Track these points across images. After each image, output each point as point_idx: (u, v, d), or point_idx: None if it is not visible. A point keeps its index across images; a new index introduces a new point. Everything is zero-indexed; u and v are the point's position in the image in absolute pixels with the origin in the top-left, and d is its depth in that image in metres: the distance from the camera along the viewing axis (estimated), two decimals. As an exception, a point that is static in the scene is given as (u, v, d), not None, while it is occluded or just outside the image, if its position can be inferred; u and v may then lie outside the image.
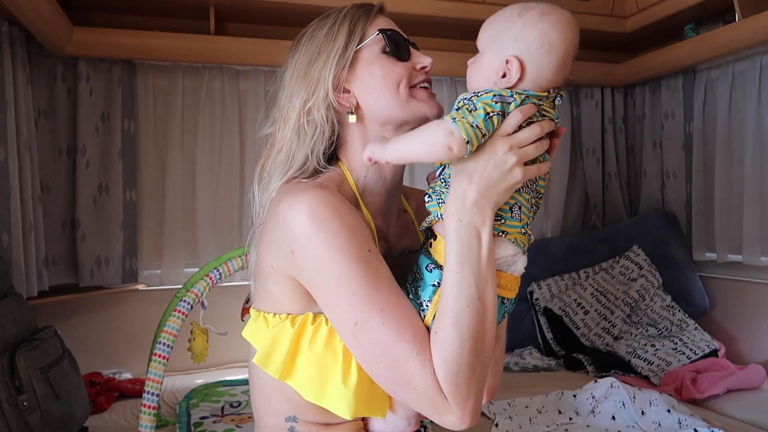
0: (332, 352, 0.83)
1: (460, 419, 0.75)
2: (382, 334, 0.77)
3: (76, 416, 1.56)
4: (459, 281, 0.77)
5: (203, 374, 2.31)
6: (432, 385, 0.75)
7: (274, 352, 0.85)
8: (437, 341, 0.76)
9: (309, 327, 0.84)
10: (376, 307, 0.77)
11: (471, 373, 0.76)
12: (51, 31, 1.96)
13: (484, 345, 0.78)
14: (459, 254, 0.77)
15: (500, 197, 0.78)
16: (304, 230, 0.79)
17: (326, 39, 0.91)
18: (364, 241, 0.80)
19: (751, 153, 2.31)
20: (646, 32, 2.59)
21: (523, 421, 1.78)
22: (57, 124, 2.21)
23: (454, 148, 0.76)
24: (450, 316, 0.76)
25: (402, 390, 0.78)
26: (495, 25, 0.83)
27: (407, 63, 0.92)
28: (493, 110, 0.76)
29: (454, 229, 0.78)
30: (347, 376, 0.82)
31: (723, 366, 2.14)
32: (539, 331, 2.52)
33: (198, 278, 1.71)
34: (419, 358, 0.76)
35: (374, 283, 0.78)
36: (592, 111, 2.91)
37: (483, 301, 0.77)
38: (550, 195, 2.91)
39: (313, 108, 0.90)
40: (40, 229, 2.03)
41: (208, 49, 2.28)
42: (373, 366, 0.79)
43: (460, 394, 0.75)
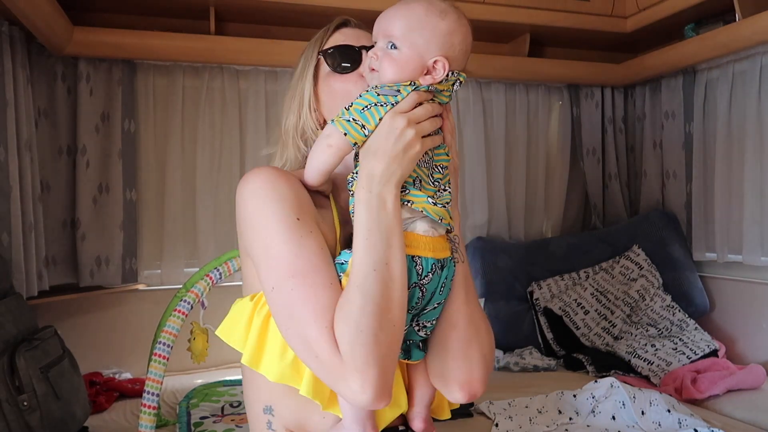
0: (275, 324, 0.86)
1: (361, 387, 0.75)
2: (290, 299, 0.80)
3: (76, 416, 1.56)
4: (367, 247, 0.80)
5: (203, 374, 2.31)
6: (329, 350, 0.76)
7: (233, 325, 0.90)
8: (340, 303, 0.79)
9: (263, 299, 0.87)
10: (289, 272, 0.80)
11: (372, 338, 0.76)
12: (51, 31, 1.96)
13: (390, 311, 0.78)
14: (368, 221, 0.80)
15: (405, 169, 0.83)
16: (242, 200, 0.86)
17: (303, 62, 1.02)
18: (292, 209, 0.84)
19: (751, 153, 2.31)
20: (646, 32, 2.59)
21: (523, 421, 1.78)
22: (57, 124, 2.22)
23: (332, 144, 0.84)
24: (356, 280, 0.79)
25: (307, 358, 0.80)
26: (411, 21, 0.85)
27: (355, 72, 0.97)
28: (369, 102, 0.83)
29: (364, 200, 0.81)
30: (285, 350, 0.84)
31: (723, 366, 2.15)
32: (539, 331, 2.52)
33: (198, 278, 1.71)
34: (318, 324, 0.77)
35: (295, 250, 0.81)
36: (592, 111, 2.91)
37: (389, 266, 0.79)
38: (550, 195, 2.91)
39: (306, 125, 0.99)
40: (40, 229, 2.03)
41: (208, 49, 2.28)
42: (283, 332, 0.81)
43: (359, 356, 0.75)
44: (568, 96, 2.89)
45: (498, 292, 2.58)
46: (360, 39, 1.00)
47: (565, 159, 2.91)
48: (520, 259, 2.67)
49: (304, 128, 0.99)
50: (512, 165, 2.83)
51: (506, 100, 2.80)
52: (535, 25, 2.53)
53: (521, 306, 2.59)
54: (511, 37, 2.72)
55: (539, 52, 2.78)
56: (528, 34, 2.63)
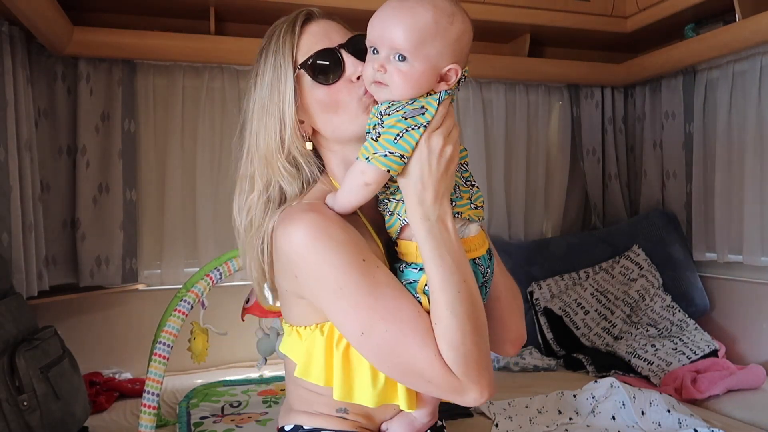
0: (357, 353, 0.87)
1: (480, 394, 0.81)
2: (387, 340, 0.81)
3: (76, 416, 1.56)
4: (444, 272, 0.81)
5: (203, 374, 2.31)
6: (443, 374, 0.80)
7: (311, 363, 0.90)
8: (439, 332, 0.81)
9: (337, 331, 0.88)
10: (377, 315, 0.81)
11: (477, 352, 0.81)
12: (51, 31, 1.96)
13: (480, 321, 0.83)
14: (437, 249, 0.82)
15: (449, 183, 0.84)
16: (299, 255, 0.84)
17: (271, 74, 0.92)
18: (356, 252, 0.83)
19: (751, 153, 2.31)
20: (646, 32, 2.59)
21: (523, 421, 1.78)
22: (57, 124, 2.21)
23: (371, 182, 0.83)
24: (446, 306, 0.81)
25: (418, 384, 0.84)
26: (421, 31, 0.80)
27: (343, 79, 0.91)
28: (400, 130, 0.81)
29: (425, 229, 0.82)
30: (376, 377, 0.87)
31: (723, 366, 2.14)
32: (539, 331, 2.52)
33: (198, 278, 1.71)
34: (425, 354, 0.80)
35: (372, 292, 0.82)
36: (592, 111, 2.91)
37: (467, 282, 0.83)
38: (550, 195, 2.91)
39: (291, 146, 0.92)
40: (40, 229, 2.03)
41: (208, 49, 2.28)
42: (385, 369, 0.84)
43: (473, 373, 0.80)
44: (568, 96, 2.89)
45: (498, 292, 2.57)
46: (331, 36, 0.93)
47: (565, 159, 2.90)
48: (520, 259, 2.66)
49: (290, 150, 0.92)
50: (512, 165, 2.83)
51: (506, 100, 2.80)
52: (535, 25, 2.52)
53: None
54: (511, 37, 2.72)
55: (539, 52, 2.78)
56: (528, 34, 2.62)
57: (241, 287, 2.16)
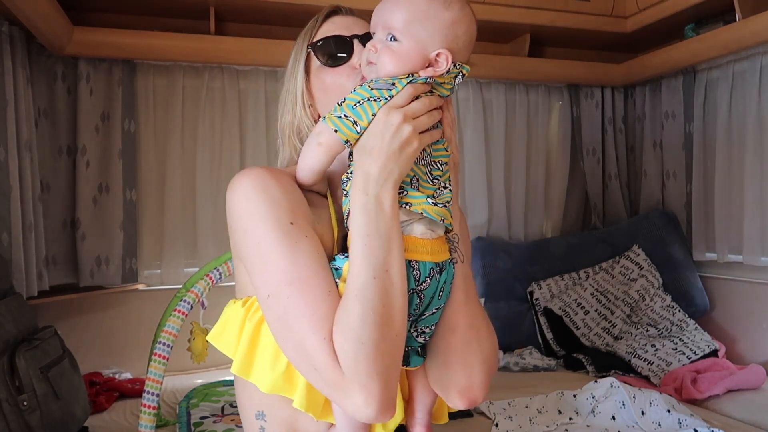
0: (268, 331, 0.82)
1: (365, 402, 0.71)
2: (286, 309, 0.76)
3: (76, 416, 1.56)
4: (365, 253, 0.75)
5: (203, 374, 2.31)
6: (329, 362, 0.73)
7: (225, 330, 0.86)
8: (339, 314, 0.74)
9: (255, 304, 0.84)
10: (285, 279, 0.76)
11: (374, 350, 0.72)
12: (51, 31, 1.96)
13: (392, 320, 0.75)
14: (366, 226, 0.76)
15: (402, 167, 0.78)
16: (233, 204, 0.83)
17: (294, 57, 0.97)
18: (287, 215, 0.80)
19: (751, 153, 2.31)
20: (646, 32, 2.59)
21: (523, 421, 1.78)
22: (57, 124, 2.22)
23: (323, 142, 0.80)
24: (354, 288, 0.74)
25: (306, 370, 0.77)
26: (413, 12, 0.80)
27: (347, 65, 0.92)
28: (362, 98, 0.79)
29: (361, 203, 0.77)
30: (277, 359, 0.81)
31: (723, 366, 2.14)
32: (539, 331, 2.52)
33: (198, 278, 1.71)
34: (317, 335, 0.74)
35: (289, 255, 0.77)
36: (592, 111, 2.91)
37: (389, 273, 0.75)
38: (550, 195, 2.91)
39: (301, 123, 0.95)
40: (40, 229, 2.03)
41: (208, 49, 2.28)
42: (280, 342, 0.78)
43: (361, 370, 0.72)
44: (568, 96, 2.89)
45: (498, 292, 2.58)
46: (351, 27, 0.94)
47: (565, 159, 2.90)
48: (520, 259, 2.66)
49: (300, 126, 0.95)
50: (512, 165, 2.83)
51: (506, 100, 2.80)
52: (535, 25, 2.53)
53: (521, 306, 2.59)
54: (511, 37, 2.72)
55: (539, 52, 2.78)
56: (528, 34, 2.63)
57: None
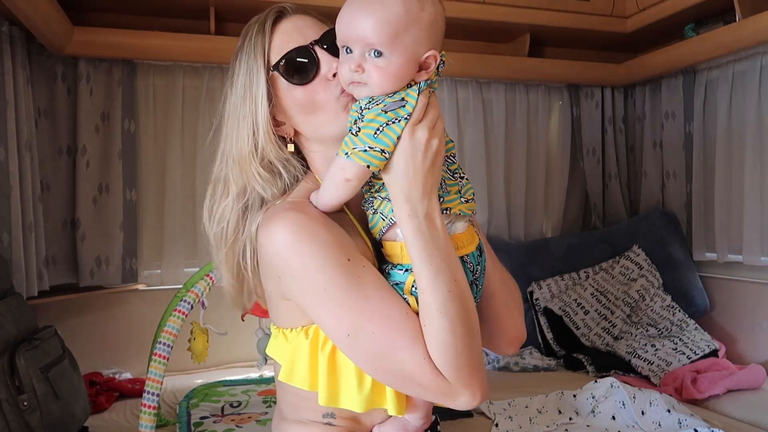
0: (343, 356, 0.84)
1: (472, 397, 0.78)
2: (374, 342, 0.78)
3: (76, 416, 1.56)
4: (434, 272, 0.78)
5: (203, 374, 2.31)
6: (433, 377, 0.77)
7: (296, 366, 0.87)
8: (429, 333, 0.78)
9: (321, 334, 0.85)
10: (363, 317, 0.78)
11: (469, 354, 0.78)
12: (51, 31, 1.96)
13: (472, 321, 0.80)
14: (426, 248, 0.78)
15: (437, 178, 0.81)
16: (282, 256, 0.81)
17: (246, 77, 0.89)
18: (340, 252, 0.80)
19: (751, 153, 2.31)
20: (646, 32, 2.59)
21: (523, 421, 1.78)
22: (57, 124, 2.21)
23: (351, 178, 0.80)
24: (436, 306, 0.77)
25: (408, 388, 0.81)
26: (394, 23, 0.77)
27: (319, 78, 0.87)
28: (380, 124, 0.78)
29: (413, 226, 0.79)
30: (362, 380, 0.84)
31: (723, 366, 2.14)
32: (539, 331, 2.52)
33: (198, 278, 1.71)
34: (414, 357, 0.77)
35: (358, 293, 0.79)
36: (592, 111, 2.91)
37: (458, 281, 0.79)
38: (550, 195, 2.91)
39: (265, 150, 0.89)
40: (40, 229, 2.03)
41: (208, 49, 2.28)
42: (373, 372, 0.81)
43: (464, 375, 0.77)
44: (568, 96, 2.89)
45: (498, 292, 2.57)
46: (304, 32, 0.88)
47: (565, 159, 2.90)
48: (520, 259, 2.66)
49: (264, 153, 0.89)
50: (512, 165, 2.83)
51: (506, 100, 2.79)
52: (535, 25, 2.52)
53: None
54: (511, 37, 2.72)
55: (539, 52, 2.78)
56: (528, 34, 2.62)
57: (241, 287, 2.16)
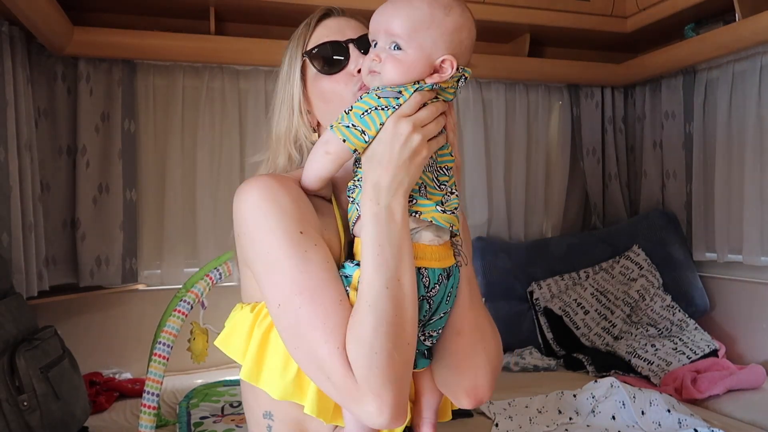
0: (279, 338, 0.83)
1: (378, 410, 0.73)
2: (298, 318, 0.77)
3: (76, 416, 1.56)
4: (378, 263, 0.76)
5: (203, 374, 2.31)
6: (342, 371, 0.74)
7: (233, 334, 0.87)
8: (352, 324, 0.75)
9: (264, 310, 0.85)
10: (296, 289, 0.77)
11: (387, 359, 0.74)
12: (51, 31, 1.96)
13: (404, 330, 0.76)
14: (377, 236, 0.77)
15: (412, 176, 0.79)
16: (242, 213, 0.82)
17: (287, 64, 0.96)
18: (296, 224, 0.80)
19: (751, 153, 2.31)
20: (646, 32, 2.59)
21: (523, 421, 1.78)
22: (57, 124, 2.22)
23: (331, 151, 0.81)
24: (367, 299, 0.75)
25: (318, 378, 0.78)
26: (415, 19, 0.80)
27: (344, 72, 0.91)
28: (369, 106, 0.79)
29: (372, 213, 0.78)
30: (287, 365, 0.82)
31: (723, 366, 2.15)
32: (539, 331, 2.52)
33: (198, 278, 1.71)
34: (329, 343, 0.75)
35: (299, 265, 0.78)
36: (592, 111, 2.91)
37: (401, 282, 0.77)
38: (550, 195, 2.91)
39: (299, 132, 0.94)
40: (40, 229, 2.03)
41: (208, 49, 2.28)
42: (292, 351, 0.79)
43: (375, 379, 0.73)
44: (568, 96, 2.89)
45: (498, 292, 2.58)
46: (345, 31, 0.94)
47: (565, 159, 2.90)
48: (520, 259, 2.67)
49: (297, 135, 0.95)
50: (512, 165, 2.83)
51: (506, 100, 2.80)
52: (535, 25, 2.53)
53: (521, 306, 2.59)
54: (511, 37, 2.72)
55: (539, 52, 2.78)
56: (528, 34, 2.63)
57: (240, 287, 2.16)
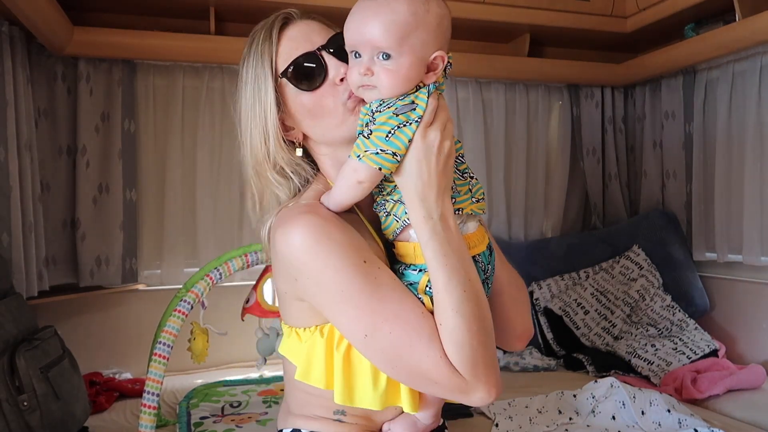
0: (358, 354, 0.86)
1: (487, 393, 0.80)
2: (391, 342, 0.80)
3: (76, 416, 1.56)
4: (449, 272, 0.80)
5: (203, 374, 2.31)
6: (450, 374, 0.79)
7: (312, 365, 0.88)
8: (445, 332, 0.79)
9: (336, 333, 0.86)
10: (380, 317, 0.80)
11: (484, 351, 0.80)
12: (51, 31, 1.96)
13: (486, 319, 0.82)
14: (441, 248, 0.80)
15: (449, 179, 0.83)
16: (299, 258, 0.82)
17: (253, 84, 0.92)
18: (357, 254, 0.82)
19: (751, 153, 2.31)
20: (646, 32, 2.59)
21: (523, 421, 1.78)
22: (57, 124, 2.21)
23: (364, 180, 0.82)
24: (452, 306, 0.79)
25: (424, 386, 0.83)
26: (400, 25, 0.78)
27: (327, 83, 0.89)
28: (391, 127, 0.79)
29: (429, 228, 0.80)
30: (377, 379, 0.85)
31: (723, 366, 2.14)
32: (539, 331, 2.52)
33: (198, 278, 1.71)
34: (431, 356, 0.79)
35: (375, 294, 0.81)
36: (592, 111, 2.91)
37: (472, 281, 0.81)
38: (550, 195, 2.91)
39: (277, 157, 0.92)
40: (40, 229, 2.03)
41: (208, 49, 2.28)
42: (390, 372, 0.83)
43: (480, 372, 0.79)
44: (568, 96, 2.89)
45: (498, 292, 2.58)
46: (311, 37, 0.90)
47: (565, 159, 2.90)
48: (520, 259, 2.66)
49: (276, 160, 0.92)
50: (512, 165, 2.83)
51: (506, 100, 2.80)
52: (535, 25, 2.52)
53: (521, 306, 2.58)
54: (511, 37, 2.72)
55: (539, 52, 2.78)
56: (528, 34, 2.62)
57: (241, 287, 2.16)
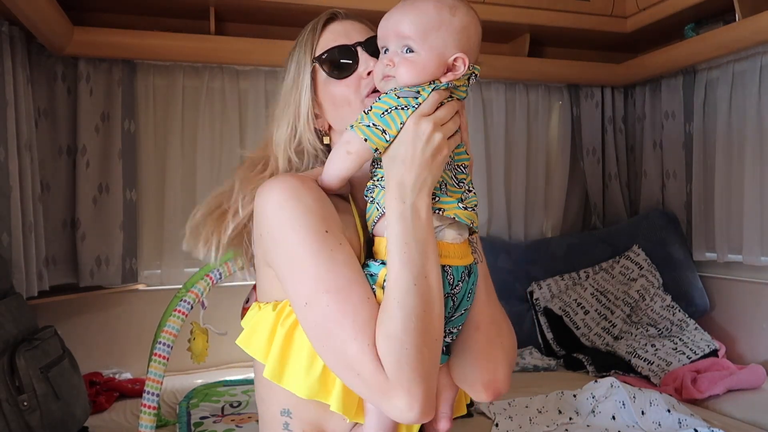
0: (303, 335, 0.83)
1: (408, 405, 0.73)
2: (326, 316, 0.77)
3: (76, 416, 1.56)
4: (405, 261, 0.78)
5: (203, 374, 2.31)
6: (372, 368, 0.74)
7: (255, 334, 0.88)
8: (381, 321, 0.76)
9: (287, 309, 0.85)
10: (322, 287, 0.78)
11: (416, 354, 0.74)
12: (51, 31, 1.96)
13: (432, 326, 0.77)
14: (404, 234, 0.78)
15: (435, 175, 0.81)
16: (265, 212, 0.83)
17: (295, 70, 0.97)
18: (321, 222, 0.81)
19: (751, 153, 2.31)
20: (646, 32, 2.59)
21: (523, 421, 1.78)
22: (57, 124, 2.22)
23: (352, 150, 0.82)
24: (396, 296, 0.76)
25: (347, 375, 0.78)
26: (424, 22, 0.83)
27: (354, 75, 0.93)
28: (389, 106, 0.81)
29: (398, 212, 0.79)
30: (312, 364, 0.82)
31: (723, 366, 2.14)
32: (539, 331, 2.52)
33: (198, 278, 1.71)
34: (359, 340, 0.75)
35: (326, 264, 0.79)
36: (592, 111, 2.91)
37: (428, 279, 0.78)
38: (550, 195, 2.91)
39: (303, 137, 0.96)
40: (40, 229, 2.03)
41: (208, 49, 2.28)
42: (319, 349, 0.79)
43: (405, 375, 0.74)
44: (568, 96, 2.89)
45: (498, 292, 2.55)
46: (351, 34, 0.96)
47: (565, 159, 2.90)
48: (520, 259, 2.66)
49: (300, 140, 0.95)
50: (512, 165, 2.83)
51: (506, 100, 2.80)
52: (535, 25, 2.53)
53: (521, 306, 2.59)
54: (511, 37, 2.72)
55: (539, 52, 2.78)
56: (528, 34, 2.63)
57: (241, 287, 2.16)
